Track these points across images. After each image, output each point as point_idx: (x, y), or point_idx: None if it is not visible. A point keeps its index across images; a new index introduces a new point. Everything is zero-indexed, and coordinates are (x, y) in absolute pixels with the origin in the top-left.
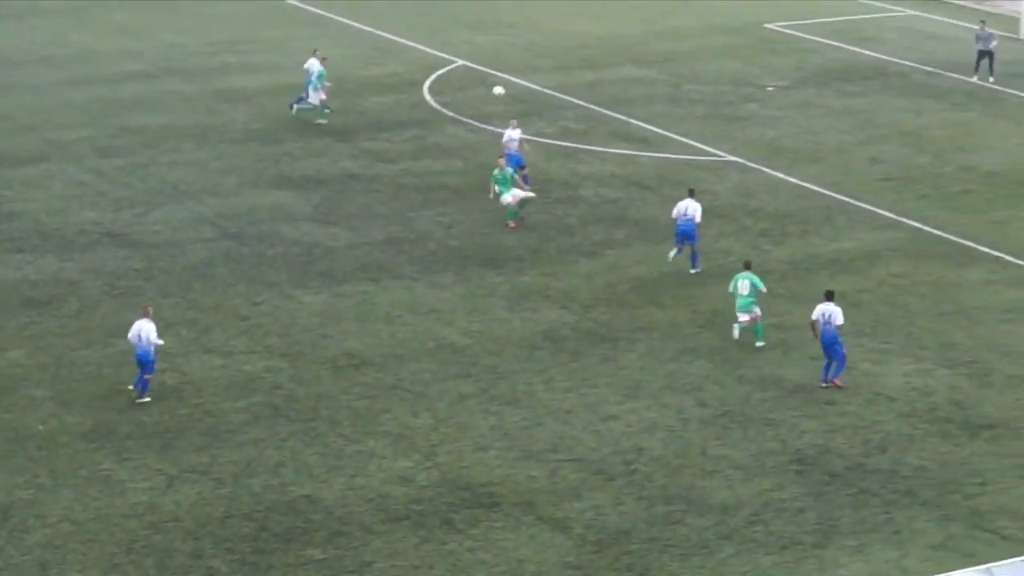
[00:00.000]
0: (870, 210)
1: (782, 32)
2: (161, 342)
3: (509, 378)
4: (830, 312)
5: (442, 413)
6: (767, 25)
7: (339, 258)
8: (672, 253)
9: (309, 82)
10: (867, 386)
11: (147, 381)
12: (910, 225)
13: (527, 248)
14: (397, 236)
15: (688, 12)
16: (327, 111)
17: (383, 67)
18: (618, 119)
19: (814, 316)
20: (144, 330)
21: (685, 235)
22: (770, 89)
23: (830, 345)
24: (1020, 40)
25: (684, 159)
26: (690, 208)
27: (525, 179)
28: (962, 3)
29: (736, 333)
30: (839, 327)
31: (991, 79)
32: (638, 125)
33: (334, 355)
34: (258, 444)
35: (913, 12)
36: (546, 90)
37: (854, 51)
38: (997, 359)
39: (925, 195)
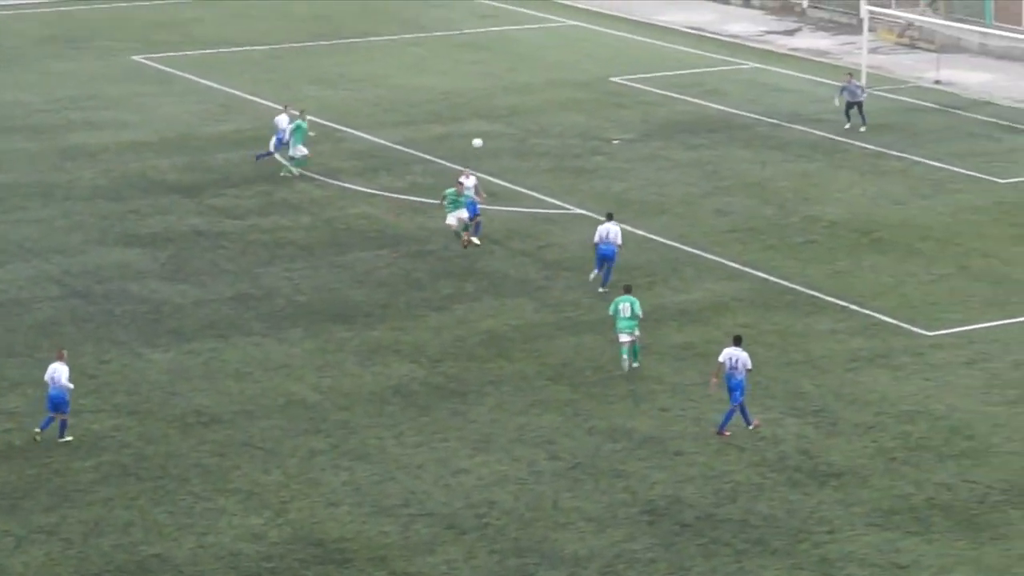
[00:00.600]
0: (717, 261)
1: (628, 85)
2: (71, 386)
3: (360, 433)
4: (736, 357)
5: (293, 469)
6: (613, 79)
7: (187, 315)
8: (592, 274)
9: (280, 137)
10: (716, 436)
11: (64, 422)
12: (756, 276)
13: (376, 303)
14: (245, 292)
15: (534, 67)
16: (295, 169)
17: (230, 123)
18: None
19: (721, 359)
20: (58, 372)
21: (605, 258)
22: (616, 142)
23: (735, 389)
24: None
25: (532, 212)
26: (611, 232)
27: (477, 227)
28: (805, 57)
29: (624, 364)
30: (749, 371)
31: (862, 127)
32: (486, 179)
33: (183, 412)
34: (107, 503)
35: (756, 65)
36: (394, 145)
37: (699, 104)
38: (844, 407)
39: (771, 246)
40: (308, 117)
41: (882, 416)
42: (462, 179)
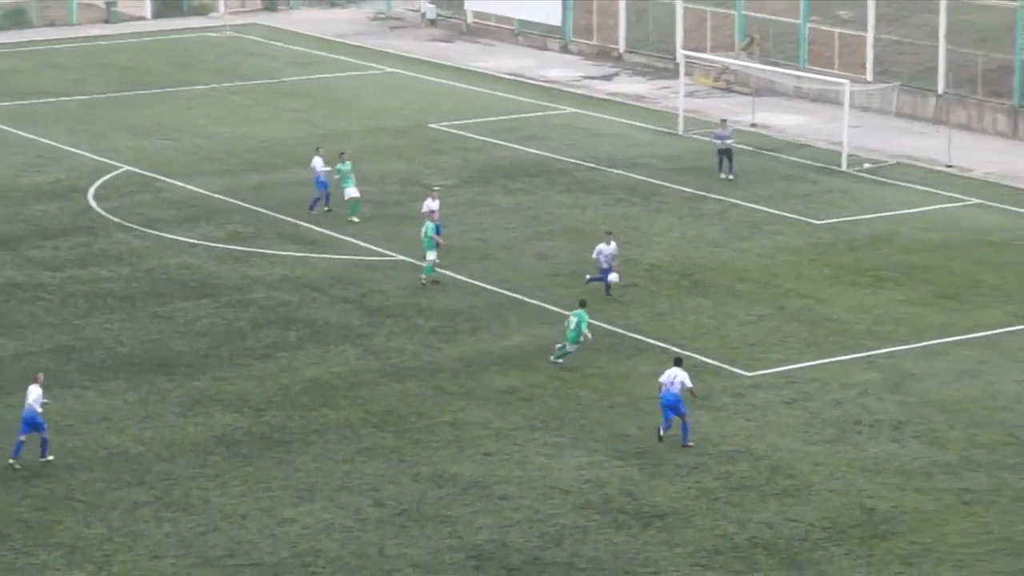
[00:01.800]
0: (539, 305)
1: (447, 132)
2: (39, 409)
3: (183, 484)
4: (675, 376)
5: (116, 522)
6: (432, 125)
7: (6, 368)
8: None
9: (319, 179)
10: (541, 480)
11: (45, 440)
12: None
13: (198, 353)
14: (65, 344)
15: (353, 114)
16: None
17: (46, 174)
18: (287, 221)
19: (661, 379)
20: (34, 395)
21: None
22: (437, 188)
23: (669, 406)
24: (679, 136)
25: (354, 259)
26: (605, 250)
27: (438, 243)
28: (623, 101)
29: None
30: (691, 389)
31: (731, 176)
32: (307, 227)
33: (2, 467)
34: None
35: (575, 110)
36: (213, 194)
37: (518, 149)
38: (666, 449)
39: (592, 289)
40: (345, 158)
41: (704, 457)
42: (428, 200)
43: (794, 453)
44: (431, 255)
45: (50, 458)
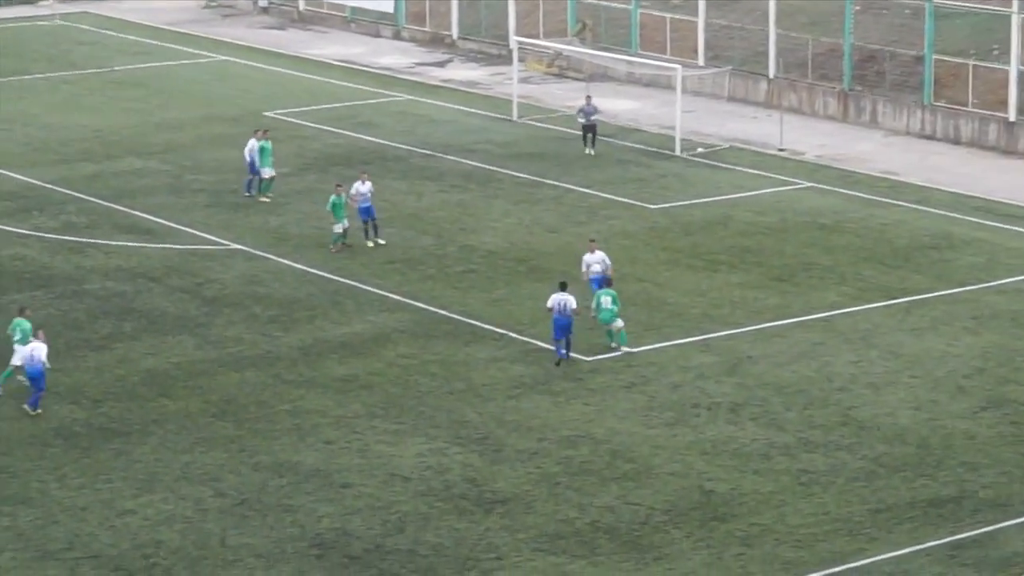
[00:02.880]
0: (377, 293)
1: (281, 120)
2: (48, 366)
3: (21, 477)
4: (563, 300)
5: None
6: (266, 113)
7: None
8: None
9: (254, 161)
10: (382, 467)
11: (38, 396)
12: (416, 306)
13: None
14: None
15: (187, 103)
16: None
17: None
18: (122, 211)
19: (549, 304)
20: (36, 350)
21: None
22: (365, 171)
23: (563, 327)
24: (513, 122)
25: (190, 249)
26: (590, 259)
27: (376, 229)
28: (456, 88)
29: (614, 343)
30: (575, 310)
31: (591, 151)
32: (142, 217)
33: None
34: None
35: (409, 97)
36: (47, 184)
37: (353, 136)
38: (507, 434)
39: (430, 276)
40: (266, 137)
41: (545, 442)
42: (357, 184)
43: (634, 437)
44: (338, 227)
45: (39, 412)
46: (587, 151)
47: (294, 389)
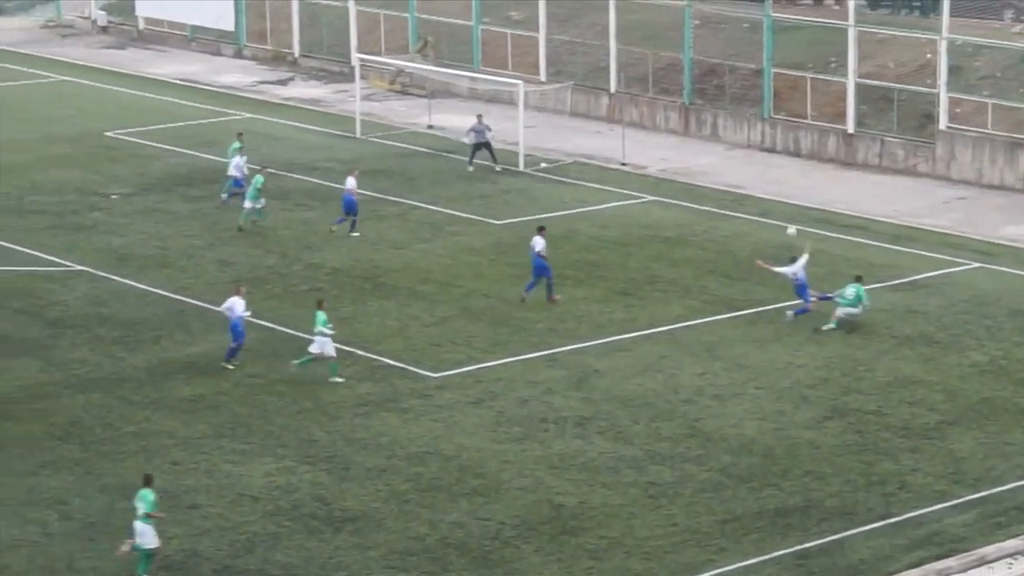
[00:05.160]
0: (222, 312)
1: (122, 140)
2: (247, 314)
3: None
4: (536, 242)
5: None
6: (107, 133)
7: None
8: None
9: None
10: (230, 487)
11: (233, 349)
12: (263, 325)
13: None
14: None
15: (25, 124)
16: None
17: None
18: None
19: (533, 243)
20: (236, 304)
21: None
22: (114, 197)
23: (541, 267)
24: (357, 139)
25: (31, 271)
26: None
27: (353, 224)
28: (299, 106)
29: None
30: (539, 252)
31: (497, 167)
32: None
33: None
34: None
35: (251, 115)
36: None
37: (195, 155)
38: (355, 452)
39: (276, 295)
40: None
41: (393, 459)
42: (350, 179)
43: (483, 452)
44: (249, 203)
45: (233, 366)
46: (470, 168)
47: (140, 410)
